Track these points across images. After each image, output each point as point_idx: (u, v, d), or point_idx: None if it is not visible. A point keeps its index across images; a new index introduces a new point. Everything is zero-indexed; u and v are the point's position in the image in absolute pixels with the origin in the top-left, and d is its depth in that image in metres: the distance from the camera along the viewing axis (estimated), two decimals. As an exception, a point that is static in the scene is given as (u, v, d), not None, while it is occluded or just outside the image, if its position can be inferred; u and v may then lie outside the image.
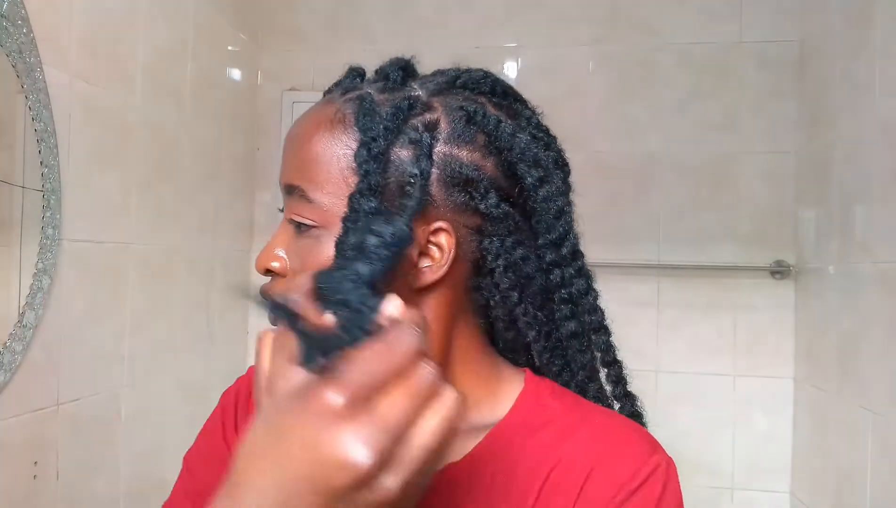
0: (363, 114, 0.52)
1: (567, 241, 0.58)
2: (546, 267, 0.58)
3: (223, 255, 1.98)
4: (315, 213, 0.53)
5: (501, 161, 0.55)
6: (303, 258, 0.54)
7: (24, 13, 1.15)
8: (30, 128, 1.17)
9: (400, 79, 0.56)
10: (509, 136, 0.55)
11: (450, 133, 0.54)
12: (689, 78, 2.01)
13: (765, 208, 1.97)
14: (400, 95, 0.54)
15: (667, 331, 2.00)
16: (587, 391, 0.62)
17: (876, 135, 1.47)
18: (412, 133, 0.52)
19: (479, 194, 0.54)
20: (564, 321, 0.59)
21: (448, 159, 0.53)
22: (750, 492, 1.96)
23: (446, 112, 0.54)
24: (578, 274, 0.59)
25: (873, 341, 1.44)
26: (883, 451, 1.39)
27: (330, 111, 0.54)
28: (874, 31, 1.49)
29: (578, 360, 0.61)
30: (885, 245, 1.41)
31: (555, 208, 0.57)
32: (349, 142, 0.52)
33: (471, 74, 0.58)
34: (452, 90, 0.56)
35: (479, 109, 0.55)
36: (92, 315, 1.39)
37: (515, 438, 0.56)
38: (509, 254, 0.56)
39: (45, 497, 1.26)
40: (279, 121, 2.19)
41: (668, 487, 0.52)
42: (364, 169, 0.50)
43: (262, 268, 0.56)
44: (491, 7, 2.11)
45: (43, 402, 1.25)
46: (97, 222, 1.40)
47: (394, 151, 0.52)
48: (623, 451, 0.53)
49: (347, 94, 0.55)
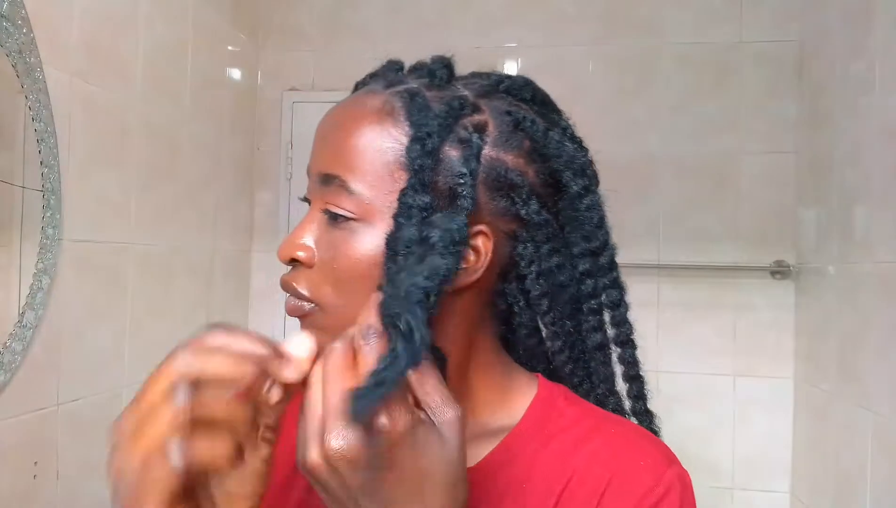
0: (417, 109, 0.51)
1: (606, 251, 0.58)
2: (579, 276, 0.58)
3: (223, 255, 1.98)
4: (355, 205, 0.51)
5: (545, 168, 0.55)
6: (336, 249, 0.51)
7: (24, 13, 1.15)
8: (30, 128, 1.17)
9: (446, 77, 0.55)
10: (557, 144, 0.55)
11: (497, 137, 0.53)
12: (689, 78, 2.01)
13: (765, 208, 1.97)
14: (449, 94, 0.53)
15: (667, 331, 2.00)
16: (606, 404, 0.61)
17: (876, 135, 1.47)
18: (462, 133, 0.51)
19: (521, 200, 0.54)
20: (592, 332, 0.59)
21: (494, 163, 0.53)
22: (750, 492, 1.96)
23: (493, 115, 0.54)
24: (613, 285, 0.59)
25: (873, 341, 1.44)
26: (883, 451, 1.39)
27: (376, 102, 0.53)
28: (874, 31, 1.49)
29: (601, 373, 0.60)
30: (885, 245, 1.41)
31: (597, 217, 0.57)
32: (398, 136, 0.51)
33: (513, 80, 0.57)
34: (496, 94, 0.56)
35: (526, 116, 0.54)
36: (92, 315, 1.39)
37: (530, 445, 0.55)
38: (544, 262, 0.56)
39: (45, 497, 1.26)
40: (279, 121, 2.19)
41: (685, 502, 0.51)
42: (417, 164, 0.49)
43: (287, 257, 0.53)
44: (491, 7, 2.12)
45: (43, 402, 1.25)
46: (97, 222, 1.40)
47: (444, 150, 0.51)
48: (640, 464, 0.53)
49: (393, 87, 0.54)
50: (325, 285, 0.52)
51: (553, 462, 0.54)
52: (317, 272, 0.53)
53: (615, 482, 0.51)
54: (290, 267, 0.54)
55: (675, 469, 0.52)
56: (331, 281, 0.52)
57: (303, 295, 0.53)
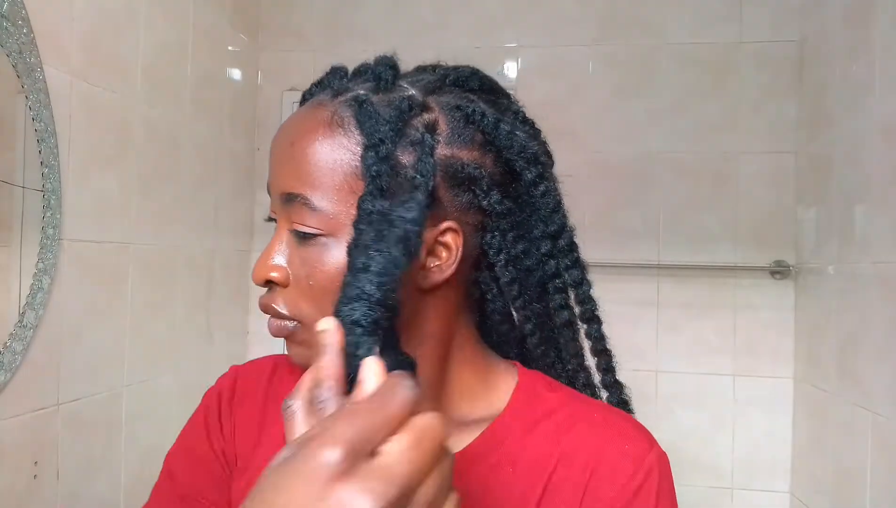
0: (366, 117, 0.51)
1: (565, 233, 0.59)
2: (542, 257, 0.59)
3: (223, 255, 1.98)
4: (320, 221, 0.51)
5: (500, 158, 0.56)
6: (309, 266, 0.52)
7: (24, 13, 1.15)
8: (30, 128, 1.17)
9: (391, 78, 0.55)
10: (507, 134, 0.55)
11: (449, 134, 0.54)
12: (689, 78, 2.01)
13: (765, 208, 1.97)
14: (396, 96, 0.53)
15: (667, 331, 2.00)
16: (577, 379, 0.63)
17: (876, 135, 1.47)
18: (414, 134, 0.52)
19: (482, 192, 0.54)
20: (558, 310, 0.60)
21: (450, 160, 0.53)
22: (750, 492, 1.96)
23: (443, 112, 0.54)
24: (574, 265, 0.60)
25: (873, 341, 1.44)
26: (883, 451, 1.39)
27: (324, 114, 0.53)
28: (874, 31, 1.49)
29: (570, 349, 0.62)
30: (885, 245, 1.41)
31: (553, 202, 0.58)
32: (351, 146, 0.51)
33: (459, 72, 0.58)
34: (444, 88, 0.56)
35: (476, 108, 0.55)
36: (92, 315, 1.39)
37: (514, 432, 0.57)
38: (512, 249, 0.57)
39: (45, 497, 1.26)
40: (279, 121, 2.18)
41: (664, 481, 0.55)
42: (374, 171, 0.49)
43: (261, 280, 0.54)
44: (491, 7, 2.11)
45: (43, 402, 1.25)
46: (97, 222, 1.40)
47: (397, 154, 0.51)
48: (623, 448, 0.55)
49: (339, 96, 0.54)
50: (303, 301, 0.53)
51: (539, 446, 0.56)
52: (293, 290, 0.53)
53: (600, 467, 0.54)
54: (266, 288, 0.55)
55: (656, 450, 0.56)
56: (308, 297, 0.52)
57: (283, 314, 0.53)
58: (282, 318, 0.54)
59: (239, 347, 2.10)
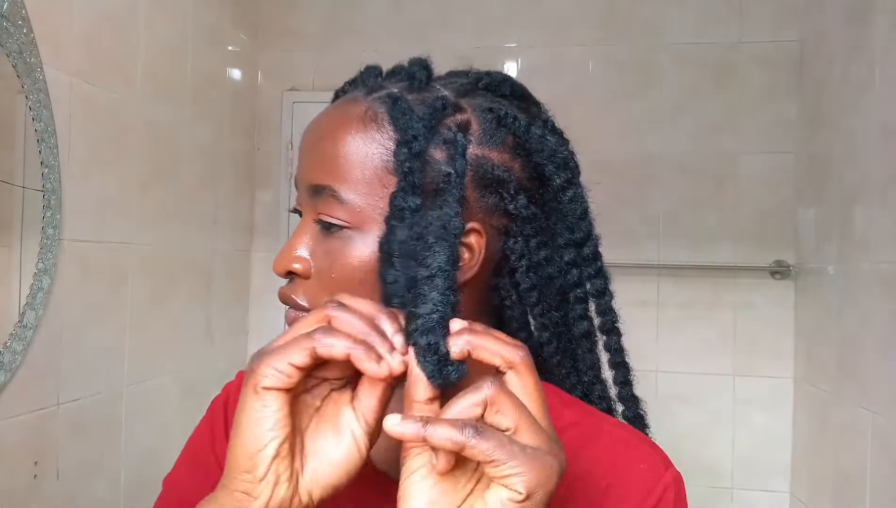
0: (400, 113, 0.51)
1: (590, 241, 0.59)
2: (564, 266, 0.58)
3: (223, 255, 1.98)
4: (347, 213, 0.51)
5: (529, 162, 0.56)
6: (332, 258, 0.52)
7: (24, 13, 1.15)
8: (30, 128, 1.18)
9: (425, 79, 0.55)
10: (539, 139, 0.55)
11: (481, 134, 0.54)
12: (689, 78, 2.02)
13: (765, 208, 1.97)
14: (431, 95, 0.54)
15: (667, 331, 2.00)
16: (592, 392, 0.62)
17: (876, 135, 1.47)
18: (447, 133, 0.52)
19: (509, 195, 0.54)
20: (578, 320, 0.59)
21: (480, 161, 0.53)
22: (750, 492, 1.96)
23: (475, 113, 0.54)
24: (597, 275, 0.59)
25: (873, 341, 1.44)
26: (883, 451, 1.39)
27: (358, 109, 0.53)
28: (874, 31, 1.49)
29: (587, 361, 0.61)
30: (884, 245, 1.41)
31: (580, 209, 0.58)
32: (384, 141, 0.51)
33: (492, 77, 0.58)
34: (476, 92, 0.56)
35: (508, 112, 0.55)
36: (92, 315, 1.39)
37: None
38: (534, 255, 0.56)
39: (45, 497, 1.26)
40: (279, 121, 2.19)
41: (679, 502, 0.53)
42: (406, 167, 0.49)
43: (283, 270, 0.54)
44: (491, 7, 2.12)
45: (43, 402, 1.25)
46: (97, 222, 1.40)
47: (430, 151, 0.51)
48: (640, 467, 0.54)
49: (374, 93, 0.54)
50: (324, 294, 0.52)
51: None
52: (314, 282, 0.53)
53: (615, 486, 0.53)
54: (287, 279, 0.55)
55: (671, 471, 0.55)
56: (329, 290, 0.52)
57: (302, 305, 0.53)
58: (300, 309, 0.53)
59: (239, 347, 2.10)
